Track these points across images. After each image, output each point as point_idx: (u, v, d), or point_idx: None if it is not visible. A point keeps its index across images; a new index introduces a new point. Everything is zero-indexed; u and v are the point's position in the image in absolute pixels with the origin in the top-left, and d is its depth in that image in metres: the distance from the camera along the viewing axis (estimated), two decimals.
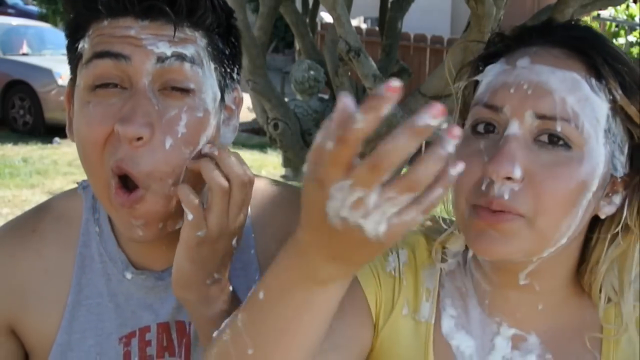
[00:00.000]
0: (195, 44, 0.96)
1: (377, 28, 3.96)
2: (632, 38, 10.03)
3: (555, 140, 0.85)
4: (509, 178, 0.84)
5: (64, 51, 1.03)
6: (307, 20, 3.07)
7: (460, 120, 0.96)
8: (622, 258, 0.93)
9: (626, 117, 0.88)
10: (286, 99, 2.93)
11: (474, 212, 0.87)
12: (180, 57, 0.93)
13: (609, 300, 0.95)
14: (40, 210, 1.16)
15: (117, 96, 0.92)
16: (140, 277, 1.10)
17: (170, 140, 0.92)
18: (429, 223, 1.04)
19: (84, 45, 0.96)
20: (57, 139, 9.16)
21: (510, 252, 0.87)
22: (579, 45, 0.88)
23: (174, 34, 0.94)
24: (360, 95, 2.81)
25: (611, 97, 0.87)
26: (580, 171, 0.85)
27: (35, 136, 9.33)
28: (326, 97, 3.06)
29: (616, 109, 0.87)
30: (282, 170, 3.42)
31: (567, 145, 0.85)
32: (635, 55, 9.56)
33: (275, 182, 1.23)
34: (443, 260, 1.00)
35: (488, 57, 0.94)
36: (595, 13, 9.09)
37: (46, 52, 10.68)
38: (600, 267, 0.93)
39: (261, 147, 8.36)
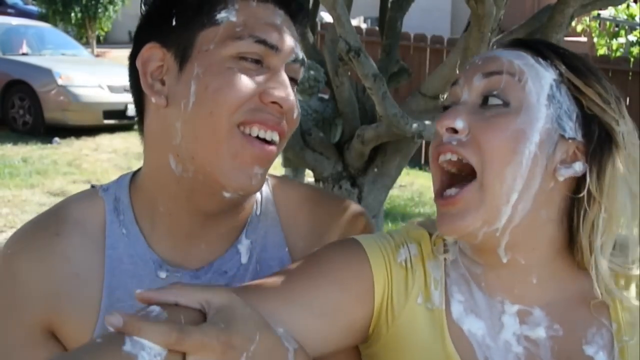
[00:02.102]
0: None
1: (377, 28, 3.96)
2: (632, 38, 10.03)
3: (495, 101, 0.97)
4: (454, 130, 0.97)
5: (64, 51, 1.05)
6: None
7: None
8: (591, 227, 0.98)
9: (573, 86, 0.98)
10: None
11: (436, 200, 1.00)
12: (303, 61, 1.12)
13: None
14: (57, 213, 1.14)
15: (255, 70, 1.05)
16: (176, 276, 1.10)
17: (297, 113, 1.10)
18: (429, 221, 1.10)
19: (227, 16, 1.06)
20: (56, 138, 9.16)
21: (468, 225, 0.96)
22: (523, 42, 1.04)
23: (299, 36, 1.13)
24: (360, 95, 2.81)
25: (558, 71, 0.99)
26: (516, 121, 0.95)
27: (35, 136, 9.33)
28: (326, 97, 3.05)
29: (563, 80, 0.99)
30: (282, 170, 3.41)
31: (505, 103, 0.97)
32: (635, 55, 9.57)
33: (295, 181, 1.30)
34: (445, 251, 1.05)
35: None
36: (595, 13, 9.10)
37: (46, 52, 10.69)
38: (582, 239, 0.98)
39: None
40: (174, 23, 1.06)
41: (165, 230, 1.11)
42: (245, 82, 1.03)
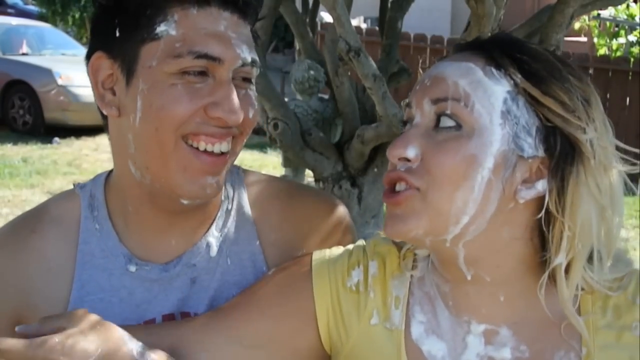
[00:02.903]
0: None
1: (377, 28, 3.96)
2: (632, 38, 10.03)
3: (447, 123, 0.93)
4: (406, 159, 0.93)
5: (64, 51, 1.05)
6: (307, 20, 3.06)
7: None
8: (557, 245, 0.93)
9: (531, 98, 0.92)
10: (286, 99, 2.93)
11: (384, 198, 0.96)
12: (254, 62, 1.07)
13: (582, 289, 0.95)
14: (38, 212, 1.18)
15: (201, 82, 1.03)
16: (145, 269, 1.12)
17: (252, 112, 1.08)
18: None
19: (167, 29, 1.03)
20: (56, 138, 9.17)
21: (409, 230, 0.93)
22: (482, 44, 0.98)
23: (251, 35, 1.08)
24: (360, 95, 2.81)
25: (513, 82, 0.92)
26: (468, 146, 0.91)
27: (35, 136, 9.33)
28: (326, 97, 3.05)
29: (519, 92, 0.92)
30: (282, 170, 3.42)
31: (457, 125, 0.92)
32: (635, 55, 9.57)
33: (271, 176, 1.29)
34: (414, 267, 1.03)
35: None
36: (595, 13, 9.10)
37: (46, 52, 10.68)
38: (552, 257, 0.93)
39: (261, 147, 8.36)
40: (117, 34, 1.05)
41: (135, 226, 1.14)
42: (189, 99, 1.02)
